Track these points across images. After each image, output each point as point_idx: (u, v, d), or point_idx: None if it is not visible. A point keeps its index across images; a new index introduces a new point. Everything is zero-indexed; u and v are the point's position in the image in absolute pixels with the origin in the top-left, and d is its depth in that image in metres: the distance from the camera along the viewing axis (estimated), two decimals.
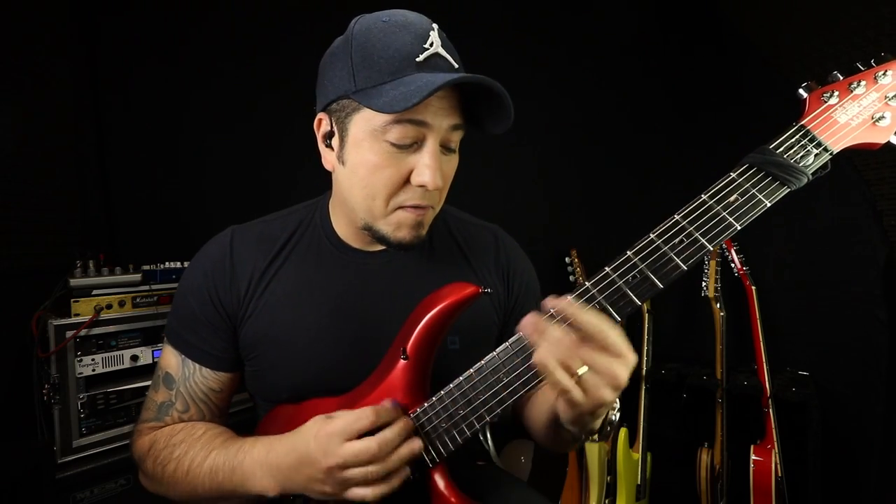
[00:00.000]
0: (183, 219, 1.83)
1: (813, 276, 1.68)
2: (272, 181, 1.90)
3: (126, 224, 1.80)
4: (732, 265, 1.70)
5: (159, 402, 0.78)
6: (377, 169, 0.66)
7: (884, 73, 0.61)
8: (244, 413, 1.45)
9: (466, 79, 0.61)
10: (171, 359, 0.79)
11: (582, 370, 0.53)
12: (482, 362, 0.63)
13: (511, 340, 0.62)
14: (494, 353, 0.63)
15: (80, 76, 1.68)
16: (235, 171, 1.93)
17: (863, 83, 0.62)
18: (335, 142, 0.71)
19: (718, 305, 1.67)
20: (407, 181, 0.67)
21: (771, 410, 1.54)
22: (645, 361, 1.75)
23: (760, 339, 1.61)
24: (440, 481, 0.67)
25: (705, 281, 1.70)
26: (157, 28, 1.80)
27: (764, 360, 1.59)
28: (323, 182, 0.87)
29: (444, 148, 0.69)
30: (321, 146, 0.75)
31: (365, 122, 0.66)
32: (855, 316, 1.59)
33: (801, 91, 0.65)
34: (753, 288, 1.64)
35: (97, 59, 1.72)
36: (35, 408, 1.25)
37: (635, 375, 1.73)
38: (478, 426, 0.64)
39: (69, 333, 1.23)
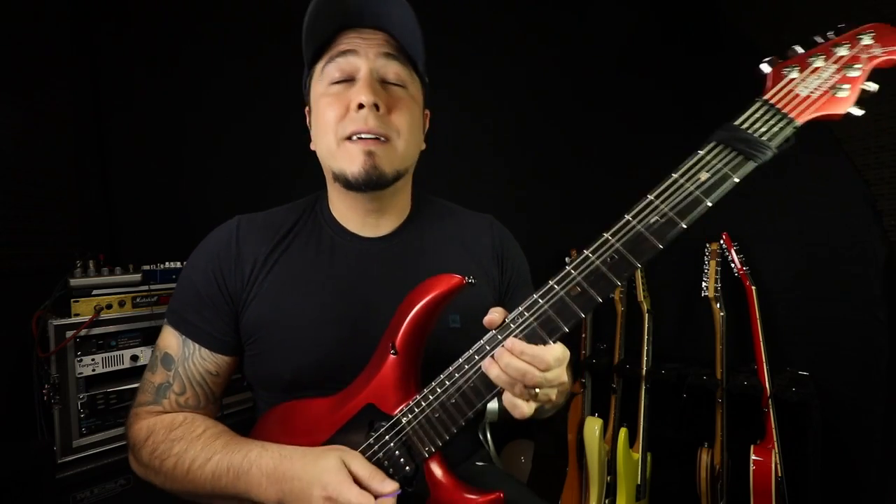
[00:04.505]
0: (183, 219, 1.82)
1: (813, 277, 1.68)
2: (272, 180, 1.90)
3: (126, 224, 1.80)
4: (732, 265, 1.70)
5: (157, 383, 0.79)
6: (326, 108, 0.76)
7: (840, 45, 0.62)
8: (244, 413, 1.45)
9: None
10: (170, 339, 0.80)
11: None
12: (471, 350, 0.65)
13: (497, 329, 0.64)
14: (482, 340, 0.64)
15: (80, 76, 1.68)
16: (236, 170, 1.93)
17: (821, 56, 0.62)
18: (310, 116, 0.82)
19: (718, 305, 1.66)
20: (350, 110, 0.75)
21: (771, 410, 1.54)
22: (645, 361, 1.75)
23: (760, 339, 1.60)
24: (437, 470, 0.68)
25: (705, 281, 1.69)
26: (157, 28, 1.80)
27: (764, 360, 1.58)
28: (323, 181, 0.87)
29: (387, 82, 0.78)
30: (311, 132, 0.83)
31: (316, 82, 0.79)
32: (855, 316, 1.59)
33: (763, 66, 0.65)
34: (753, 288, 1.64)
35: (98, 59, 1.72)
36: (35, 408, 1.25)
37: (635, 375, 1.75)
38: (470, 414, 0.65)
39: (69, 333, 1.23)
